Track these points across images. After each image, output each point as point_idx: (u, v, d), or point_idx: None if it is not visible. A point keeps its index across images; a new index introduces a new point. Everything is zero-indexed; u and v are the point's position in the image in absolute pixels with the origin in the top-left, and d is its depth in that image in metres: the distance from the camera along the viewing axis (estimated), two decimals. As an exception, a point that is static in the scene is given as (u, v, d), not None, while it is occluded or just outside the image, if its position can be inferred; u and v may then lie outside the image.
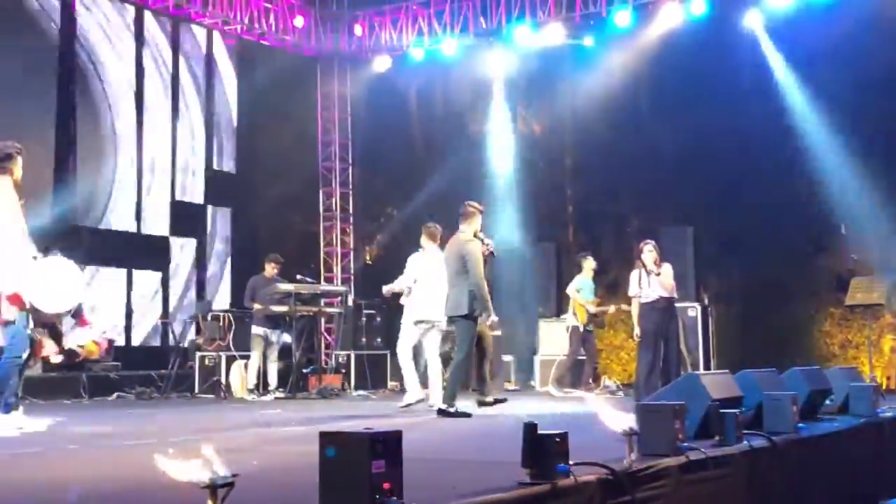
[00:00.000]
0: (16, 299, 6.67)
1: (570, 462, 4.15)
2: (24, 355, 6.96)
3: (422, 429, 7.67)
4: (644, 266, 10.45)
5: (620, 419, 4.61)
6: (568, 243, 15.64)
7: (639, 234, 15.15)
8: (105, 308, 13.98)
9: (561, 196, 16.21)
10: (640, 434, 4.86)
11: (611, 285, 14.16)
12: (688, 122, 14.32)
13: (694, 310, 13.23)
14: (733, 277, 14.50)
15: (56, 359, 10.84)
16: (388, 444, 3.49)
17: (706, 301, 13.65)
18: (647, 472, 4.54)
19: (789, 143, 13.74)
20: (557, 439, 4.13)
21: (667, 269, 10.56)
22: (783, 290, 14.07)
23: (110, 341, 12.90)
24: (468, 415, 8.58)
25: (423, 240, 9.90)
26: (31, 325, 7.00)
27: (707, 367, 12.77)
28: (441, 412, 8.62)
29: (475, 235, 8.98)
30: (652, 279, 10.43)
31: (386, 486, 3.44)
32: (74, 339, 7.31)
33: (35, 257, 6.90)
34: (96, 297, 13.86)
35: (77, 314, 7.15)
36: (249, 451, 6.00)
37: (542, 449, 4.09)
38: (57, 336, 7.33)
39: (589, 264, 12.81)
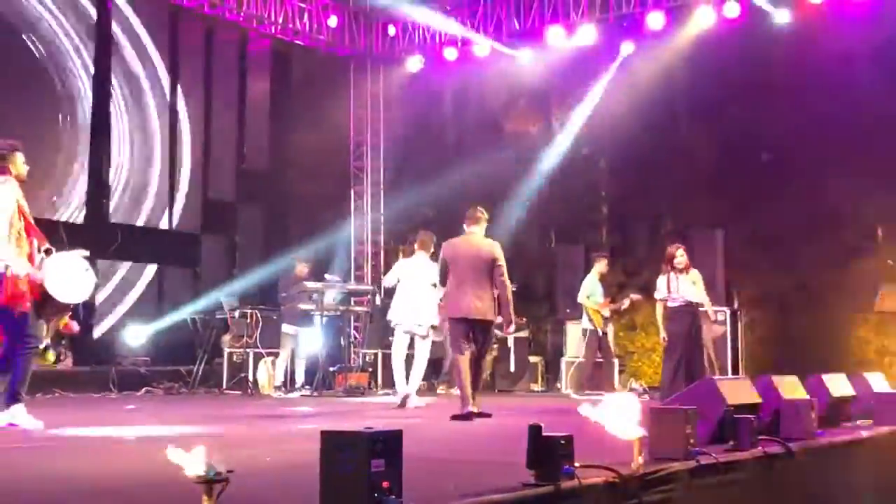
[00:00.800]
0: (29, 292, 6.71)
1: (576, 464, 4.15)
2: (42, 346, 7.03)
3: (429, 428, 7.69)
4: (673, 269, 10.41)
5: (630, 422, 4.59)
6: (600, 244, 15.56)
7: (671, 235, 15.14)
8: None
9: (595, 197, 16.15)
10: (649, 437, 4.85)
11: (643, 287, 14.04)
12: (721, 124, 14.25)
13: (723, 314, 13.12)
14: (765, 281, 14.36)
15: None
16: (387, 443, 3.50)
17: (735, 305, 13.53)
18: (656, 476, 4.52)
19: (824, 145, 13.57)
20: (563, 441, 4.12)
21: (695, 274, 10.53)
22: (817, 294, 13.92)
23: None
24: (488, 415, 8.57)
25: (416, 246, 10.03)
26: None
27: (735, 373, 12.66)
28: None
29: None
30: (680, 283, 10.39)
31: (385, 484, 3.45)
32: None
33: (49, 250, 6.93)
34: (126, 292, 14.06)
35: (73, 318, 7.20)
36: (265, 447, 6.05)
37: (547, 451, 4.09)
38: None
39: (599, 267, 12.71)
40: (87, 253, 7.29)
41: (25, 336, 6.87)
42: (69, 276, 6.90)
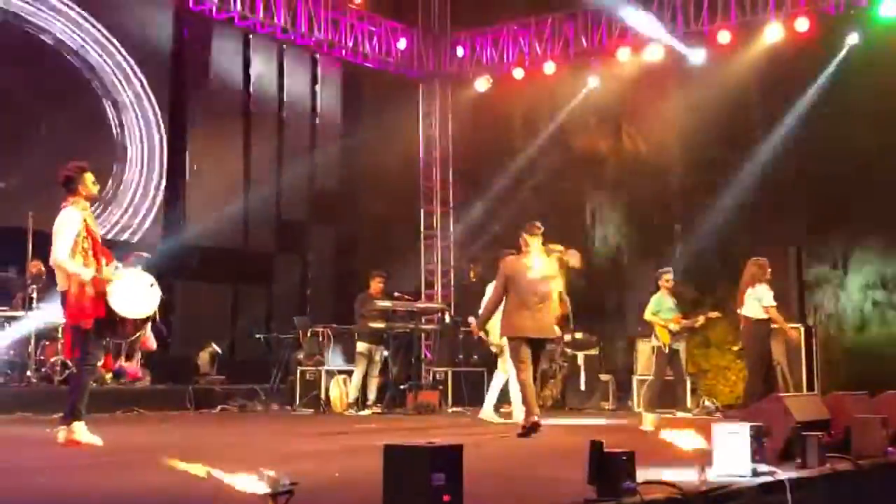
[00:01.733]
0: (91, 309, 6.87)
1: (639, 481, 4.18)
2: (99, 363, 7.18)
3: (492, 444, 7.73)
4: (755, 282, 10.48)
5: (695, 440, 4.60)
6: (672, 261, 15.44)
7: (744, 252, 15.00)
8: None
9: (667, 214, 16.06)
10: (715, 454, 4.85)
11: (717, 304, 13.92)
12: (796, 139, 14.09)
13: (797, 331, 12.93)
14: (841, 298, 14.14)
15: (107, 375, 11.26)
16: (448, 458, 3.58)
17: (810, 322, 13.34)
18: (719, 493, 4.52)
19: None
20: (624, 457, 4.16)
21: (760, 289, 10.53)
22: (895, 311, 13.68)
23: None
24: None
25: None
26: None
27: (811, 390, 12.46)
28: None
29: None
30: (758, 297, 10.41)
31: (446, 498, 3.53)
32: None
33: (117, 266, 7.10)
34: (202, 312, 14.38)
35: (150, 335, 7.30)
36: (333, 461, 6.16)
37: (608, 466, 4.13)
38: (116, 352, 7.54)
39: (665, 282, 12.61)
40: (146, 255, 7.41)
41: (85, 353, 7.00)
42: (134, 292, 7.01)
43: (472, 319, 10.88)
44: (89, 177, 7.17)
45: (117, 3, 13.63)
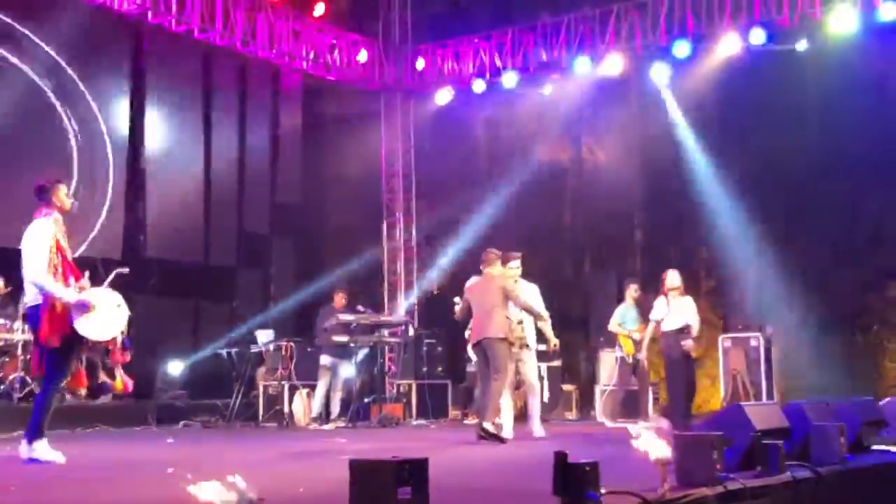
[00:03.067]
0: (59, 327, 6.79)
1: (602, 490, 4.22)
2: (65, 381, 7.03)
3: (456, 456, 7.75)
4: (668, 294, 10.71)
5: (657, 449, 4.65)
6: (635, 272, 15.57)
7: (705, 262, 15.18)
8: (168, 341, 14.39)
9: (628, 225, 16.19)
10: (677, 464, 4.90)
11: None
12: (752, 151, 14.28)
13: (756, 340, 13.10)
14: (800, 307, 14.32)
15: (81, 392, 11.12)
16: (414, 471, 3.60)
17: (769, 331, 13.50)
18: (682, 502, 4.56)
19: (857, 170, 13.56)
20: (588, 468, 4.19)
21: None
22: (852, 319, 13.88)
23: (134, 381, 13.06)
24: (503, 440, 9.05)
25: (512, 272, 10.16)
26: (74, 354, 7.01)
27: (770, 399, 12.61)
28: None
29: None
30: (676, 307, 10.61)
31: (412, 511, 3.55)
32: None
33: (82, 288, 6.96)
34: (163, 327, 14.27)
35: (120, 347, 7.12)
36: (298, 476, 6.15)
37: (573, 477, 4.16)
38: (92, 369, 7.43)
39: (631, 293, 12.76)
40: (126, 270, 7.34)
41: (51, 371, 6.92)
42: (99, 314, 6.88)
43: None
44: (63, 188, 7.10)
45: (72, 18, 13.48)
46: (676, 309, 10.83)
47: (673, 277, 11.07)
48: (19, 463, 6.76)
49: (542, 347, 10.82)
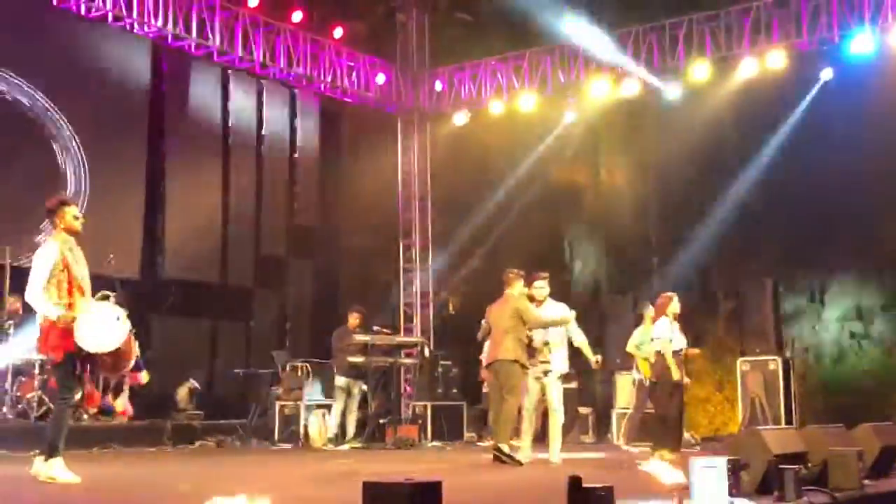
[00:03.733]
0: (60, 342, 6.83)
1: (617, 515, 4.19)
2: (76, 398, 7.09)
3: (470, 478, 7.72)
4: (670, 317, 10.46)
5: (673, 473, 4.62)
6: (651, 293, 15.52)
7: (723, 285, 15.13)
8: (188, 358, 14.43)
9: (645, 246, 16.15)
10: (693, 488, 4.87)
11: (696, 337, 13.96)
12: (771, 172, 14.25)
13: (775, 363, 13.02)
14: (819, 331, 14.25)
15: (91, 411, 11.14)
16: (427, 494, 3.58)
17: (788, 354, 13.43)
18: (697, 527, 4.53)
19: (878, 193, 13.50)
20: (602, 492, 4.17)
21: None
22: (872, 343, 13.79)
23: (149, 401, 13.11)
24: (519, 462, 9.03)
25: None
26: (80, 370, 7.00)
27: (788, 423, 12.53)
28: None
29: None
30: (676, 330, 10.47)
31: (425, 534, 3.53)
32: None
33: (70, 305, 6.93)
34: (180, 347, 14.32)
35: (134, 367, 7.11)
36: (314, 497, 6.14)
37: (587, 501, 4.14)
38: (103, 388, 7.45)
39: (650, 314, 12.67)
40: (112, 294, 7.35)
41: (60, 387, 7.01)
42: (97, 326, 6.89)
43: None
44: (70, 210, 7.17)
45: (96, 41, 13.61)
46: (678, 332, 10.68)
47: (676, 301, 10.82)
48: (35, 482, 6.77)
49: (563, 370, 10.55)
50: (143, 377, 11.30)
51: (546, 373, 9.74)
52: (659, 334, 10.33)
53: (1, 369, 11.03)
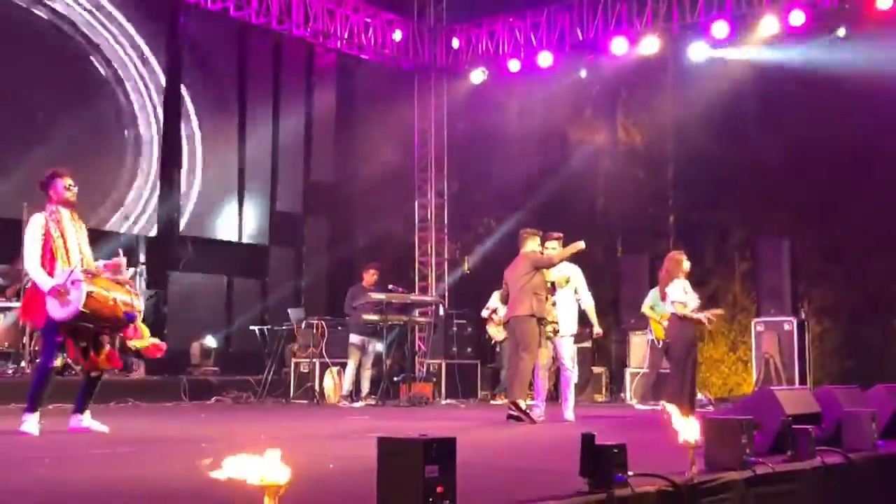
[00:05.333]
0: (41, 310, 7.03)
1: (630, 473, 4.21)
2: (56, 363, 7.21)
3: (484, 435, 7.76)
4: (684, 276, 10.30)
5: (686, 431, 4.63)
6: (666, 254, 15.46)
7: (738, 244, 15.05)
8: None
9: (662, 206, 16.07)
10: (705, 447, 4.89)
11: (711, 297, 13.93)
12: (789, 132, 14.12)
13: (790, 324, 12.99)
14: (835, 291, 14.18)
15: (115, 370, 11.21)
16: (441, 450, 3.60)
17: (803, 315, 13.39)
18: (710, 485, 4.55)
19: (893, 152, 13.37)
20: (615, 450, 4.19)
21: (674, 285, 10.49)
22: (888, 303, 13.72)
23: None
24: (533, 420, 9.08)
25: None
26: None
27: (803, 383, 12.52)
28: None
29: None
30: (689, 290, 10.37)
31: (439, 489, 3.55)
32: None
33: (87, 271, 7.07)
34: (197, 303, 14.42)
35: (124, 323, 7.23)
36: (327, 453, 6.19)
37: (600, 459, 4.16)
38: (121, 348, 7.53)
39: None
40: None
41: (41, 353, 7.31)
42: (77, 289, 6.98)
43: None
44: (62, 182, 7.28)
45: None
46: (689, 292, 10.60)
47: (685, 260, 10.68)
48: (52, 435, 6.95)
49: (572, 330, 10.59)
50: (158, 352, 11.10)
51: (556, 332, 9.81)
52: (674, 296, 10.26)
53: (21, 326, 11.13)
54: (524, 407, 9.10)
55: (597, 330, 10.57)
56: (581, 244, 9.53)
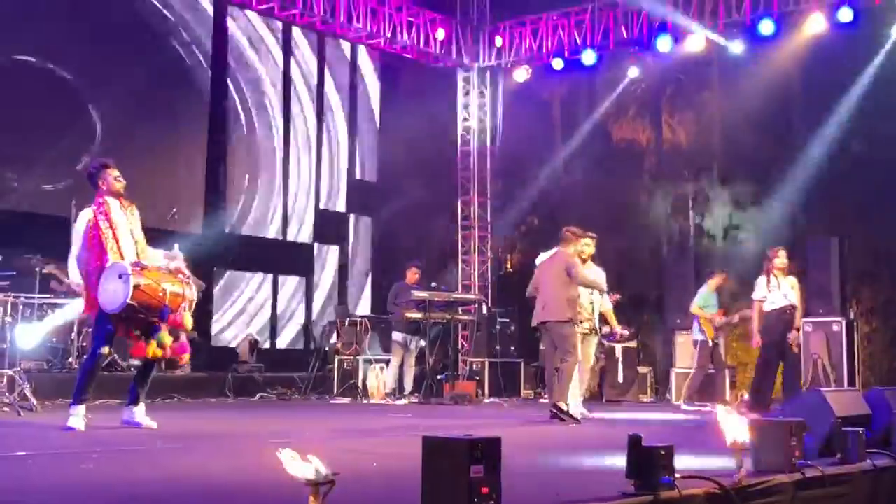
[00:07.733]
0: (93, 300, 7.15)
1: (677, 475, 4.17)
2: (104, 350, 7.27)
3: (528, 435, 7.73)
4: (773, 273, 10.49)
5: (735, 432, 4.58)
6: (712, 254, 15.34)
7: (786, 244, 14.87)
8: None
9: (707, 206, 15.92)
10: (754, 449, 4.83)
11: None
12: (837, 130, 13.94)
13: (839, 324, 12.80)
14: (884, 291, 13.97)
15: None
16: (486, 450, 3.58)
17: (852, 315, 13.20)
18: (758, 488, 4.49)
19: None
20: (662, 451, 4.14)
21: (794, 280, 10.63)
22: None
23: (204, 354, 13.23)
24: (577, 420, 9.01)
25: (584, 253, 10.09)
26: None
27: (851, 384, 12.33)
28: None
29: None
30: (781, 286, 10.39)
31: (484, 490, 3.54)
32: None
33: (137, 263, 7.14)
34: (243, 299, 14.53)
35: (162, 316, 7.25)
36: (372, 452, 6.20)
37: (647, 460, 4.12)
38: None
39: (714, 281, 12.62)
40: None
41: (93, 337, 7.43)
42: (107, 285, 7.06)
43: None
44: (111, 172, 7.33)
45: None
46: (781, 288, 10.67)
47: (783, 255, 10.91)
48: (98, 431, 7.02)
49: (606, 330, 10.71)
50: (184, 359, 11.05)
51: (592, 330, 9.83)
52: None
53: (69, 321, 11.28)
54: (565, 408, 9.05)
55: (619, 331, 10.67)
56: (609, 306, 10.16)
